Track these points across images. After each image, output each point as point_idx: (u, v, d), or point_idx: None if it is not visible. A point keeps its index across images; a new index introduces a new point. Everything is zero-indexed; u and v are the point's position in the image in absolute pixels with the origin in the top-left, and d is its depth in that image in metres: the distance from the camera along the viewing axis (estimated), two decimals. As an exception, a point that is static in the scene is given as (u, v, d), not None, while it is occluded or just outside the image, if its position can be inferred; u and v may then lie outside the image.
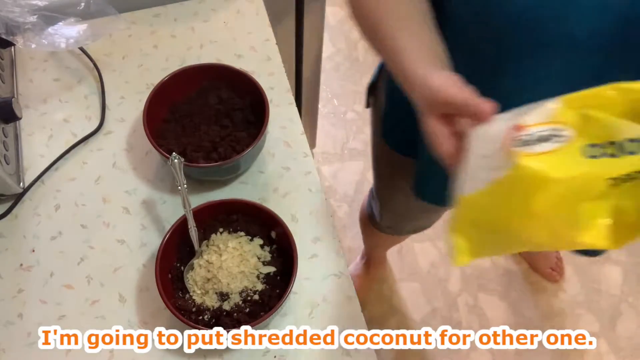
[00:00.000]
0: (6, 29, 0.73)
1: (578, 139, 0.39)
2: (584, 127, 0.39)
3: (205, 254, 0.66)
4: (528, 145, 0.39)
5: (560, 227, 0.41)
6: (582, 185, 0.38)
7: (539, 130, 0.40)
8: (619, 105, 0.38)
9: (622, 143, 0.38)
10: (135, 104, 0.82)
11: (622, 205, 0.39)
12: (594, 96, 0.39)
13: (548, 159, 0.39)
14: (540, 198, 0.39)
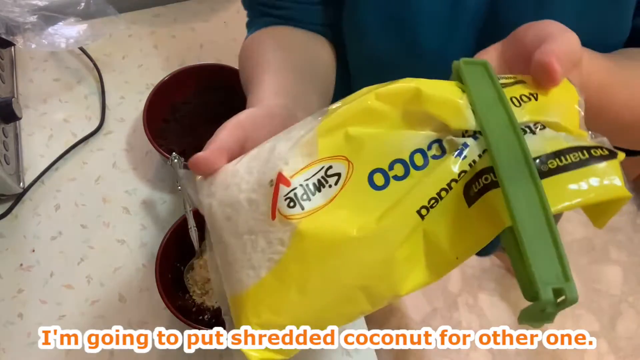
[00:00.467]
0: (6, 29, 0.73)
1: (358, 171, 0.30)
2: (358, 153, 0.30)
3: (205, 254, 0.66)
4: (303, 200, 0.30)
5: (378, 286, 0.31)
6: (392, 228, 0.29)
7: (307, 177, 0.30)
8: (387, 115, 0.30)
9: (410, 157, 0.30)
10: (135, 104, 0.82)
11: (432, 231, 0.30)
12: (354, 111, 0.31)
13: (336, 211, 0.30)
14: (343, 264, 0.30)
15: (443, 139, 0.30)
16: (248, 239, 0.32)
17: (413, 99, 0.30)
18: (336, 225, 0.29)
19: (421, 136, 0.30)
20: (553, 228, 0.27)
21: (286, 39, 0.56)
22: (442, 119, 0.30)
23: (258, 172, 0.31)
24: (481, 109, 0.30)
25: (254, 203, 0.31)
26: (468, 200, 0.30)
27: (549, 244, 0.27)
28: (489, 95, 0.30)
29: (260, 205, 0.31)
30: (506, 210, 0.28)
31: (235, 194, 0.32)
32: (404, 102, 0.30)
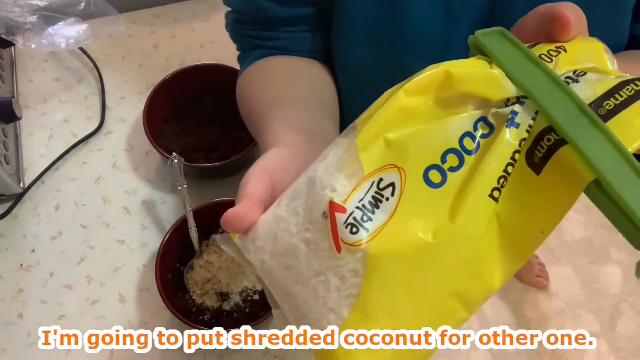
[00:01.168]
0: (6, 29, 0.73)
1: (410, 174, 0.28)
2: (405, 156, 0.28)
3: (205, 254, 0.66)
4: (364, 222, 0.27)
5: (470, 288, 0.30)
6: (468, 222, 0.27)
7: (360, 197, 0.27)
8: (422, 109, 0.28)
9: (460, 144, 0.28)
10: (135, 104, 0.81)
11: (506, 212, 0.28)
12: (387, 116, 0.28)
13: (402, 221, 0.27)
14: (428, 275, 0.28)
15: (487, 115, 0.28)
16: (317, 282, 0.29)
17: (444, 83, 0.28)
18: (409, 237, 0.27)
19: (463, 118, 0.28)
20: (637, 167, 0.26)
21: (287, 70, 0.55)
22: (481, 94, 0.28)
23: (304, 209, 0.29)
24: (516, 72, 0.28)
25: (311, 242, 0.28)
26: (535, 169, 0.28)
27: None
28: (518, 58, 0.29)
29: (320, 242, 0.28)
30: (584, 165, 0.26)
31: (287, 239, 0.29)
32: (436, 90, 0.28)
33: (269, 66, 0.56)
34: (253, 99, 0.52)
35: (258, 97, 0.52)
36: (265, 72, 0.55)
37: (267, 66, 0.56)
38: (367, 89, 0.56)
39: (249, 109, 0.53)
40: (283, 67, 0.56)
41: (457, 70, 0.28)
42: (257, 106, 0.50)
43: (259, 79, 0.54)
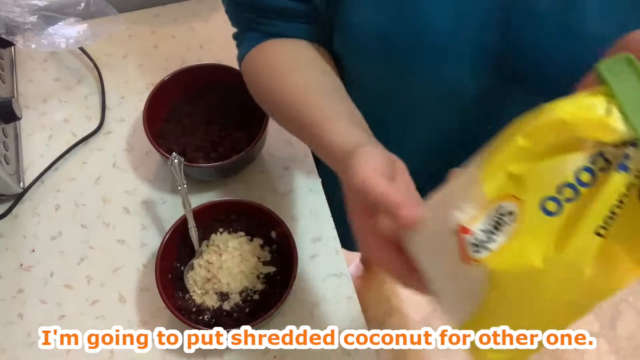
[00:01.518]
0: (6, 29, 0.73)
1: (528, 204, 0.32)
2: (523, 188, 0.32)
3: (205, 254, 0.66)
4: (487, 243, 0.32)
5: (583, 300, 0.34)
6: (574, 253, 0.31)
7: (484, 221, 0.32)
8: (540, 148, 0.31)
9: (575, 178, 0.31)
10: (135, 104, 0.82)
11: (618, 243, 0.31)
12: (507, 154, 0.32)
13: (519, 245, 0.32)
14: (541, 293, 0.33)
15: (604, 152, 0.31)
16: (454, 280, 0.35)
17: (560, 129, 0.30)
18: (523, 259, 0.31)
19: (580, 155, 0.31)
20: None
21: (301, 56, 0.56)
22: (595, 138, 0.30)
23: (440, 222, 0.34)
24: (635, 113, 0.29)
25: (449, 251, 0.33)
26: None
27: None
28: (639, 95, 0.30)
29: (453, 252, 0.33)
30: None
31: (435, 242, 0.35)
32: (552, 134, 0.31)
33: (279, 52, 0.56)
34: (279, 90, 0.53)
35: (286, 87, 0.53)
36: (278, 59, 0.55)
37: (277, 52, 0.56)
38: (373, 101, 0.56)
39: (274, 99, 0.54)
40: (295, 52, 0.56)
41: (572, 117, 0.30)
42: (290, 98, 0.52)
43: (275, 67, 0.55)
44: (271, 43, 0.57)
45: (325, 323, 0.66)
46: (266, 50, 0.57)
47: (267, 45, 0.57)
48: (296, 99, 0.51)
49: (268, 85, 0.55)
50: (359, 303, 0.68)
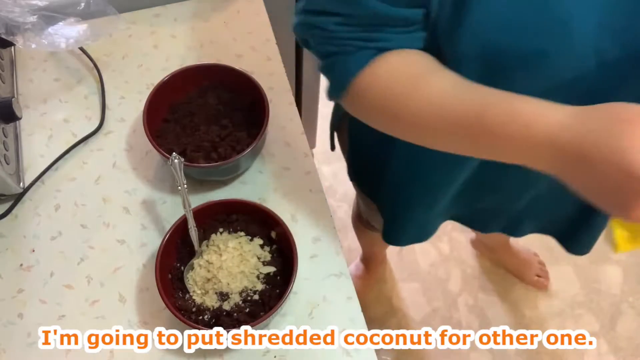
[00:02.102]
0: (6, 29, 0.73)
1: None
2: None
3: (205, 254, 0.66)
4: None
5: None
6: None
7: None
8: None
9: None
10: (135, 104, 0.82)
11: None
12: None
13: None
14: None
15: None
16: None
17: None
18: None
19: None
20: None
21: (432, 60, 0.52)
22: None
23: None
24: None
25: None
26: None
27: None
28: None
29: None
30: None
31: None
32: None
33: (408, 61, 0.52)
34: (426, 95, 0.49)
35: (436, 90, 0.48)
36: (413, 68, 0.51)
37: (406, 61, 0.52)
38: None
39: (419, 108, 0.49)
40: (423, 59, 0.52)
41: None
42: (446, 101, 0.48)
43: (412, 75, 0.51)
44: (391, 56, 0.52)
45: (325, 323, 0.66)
46: (390, 63, 0.52)
47: (388, 58, 0.52)
48: (456, 96, 0.47)
49: (407, 95, 0.50)
50: (359, 303, 0.68)
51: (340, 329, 0.66)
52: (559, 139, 0.40)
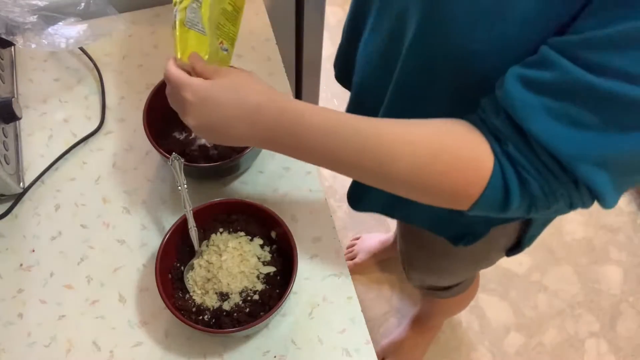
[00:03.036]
0: (6, 29, 0.73)
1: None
2: None
3: (205, 254, 0.66)
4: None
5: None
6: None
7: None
8: None
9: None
10: (135, 104, 0.82)
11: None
12: None
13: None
14: None
15: None
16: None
17: None
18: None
19: None
20: None
21: None
22: None
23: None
24: None
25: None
26: None
27: None
28: None
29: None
30: None
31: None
32: None
33: None
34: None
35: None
36: None
37: None
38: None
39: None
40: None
41: None
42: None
43: None
44: None
45: (325, 323, 0.66)
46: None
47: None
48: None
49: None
50: (359, 303, 0.68)
51: (340, 329, 0.66)
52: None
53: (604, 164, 0.44)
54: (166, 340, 0.65)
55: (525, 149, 0.45)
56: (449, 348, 1.47)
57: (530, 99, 0.44)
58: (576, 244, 1.62)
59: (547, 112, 0.43)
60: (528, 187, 0.46)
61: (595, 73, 0.41)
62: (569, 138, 0.43)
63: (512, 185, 0.46)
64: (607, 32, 0.40)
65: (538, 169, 0.46)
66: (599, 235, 1.64)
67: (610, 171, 0.44)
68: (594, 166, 0.44)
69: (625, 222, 1.66)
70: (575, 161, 0.43)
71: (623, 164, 0.44)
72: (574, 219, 1.66)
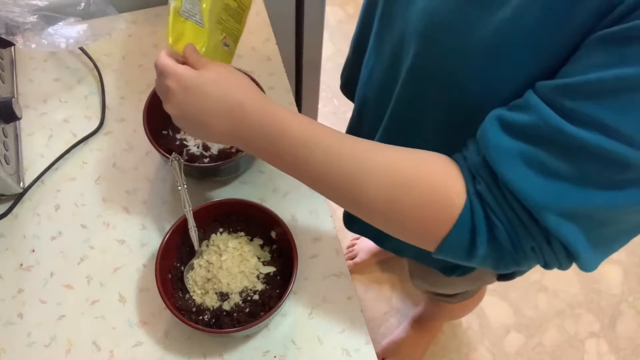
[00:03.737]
0: (6, 29, 0.73)
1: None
2: None
3: (205, 254, 0.66)
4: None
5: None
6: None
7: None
8: None
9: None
10: (135, 104, 0.82)
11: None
12: None
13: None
14: None
15: None
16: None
17: None
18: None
19: None
20: None
21: None
22: None
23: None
24: None
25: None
26: None
27: None
28: None
29: None
30: None
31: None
32: None
33: None
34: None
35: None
36: None
37: None
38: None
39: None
40: None
41: None
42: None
43: None
44: None
45: (325, 323, 0.66)
46: None
47: None
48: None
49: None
50: (359, 303, 0.68)
51: (340, 329, 0.66)
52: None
53: (574, 216, 0.41)
54: (166, 340, 0.65)
55: (497, 192, 0.43)
56: (449, 348, 1.47)
57: (506, 143, 0.42)
58: (576, 244, 1.62)
59: (520, 157, 0.41)
60: (495, 232, 0.44)
61: (570, 120, 0.39)
62: (539, 186, 0.41)
63: (480, 228, 0.44)
64: (585, 78, 0.38)
65: (507, 214, 0.43)
66: (599, 235, 1.64)
67: (580, 225, 0.41)
68: (562, 218, 0.41)
69: (625, 222, 1.66)
70: (542, 210, 0.41)
71: (595, 219, 0.41)
72: (574, 219, 1.65)
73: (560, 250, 0.43)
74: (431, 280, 0.99)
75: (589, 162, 0.39)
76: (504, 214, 0.43)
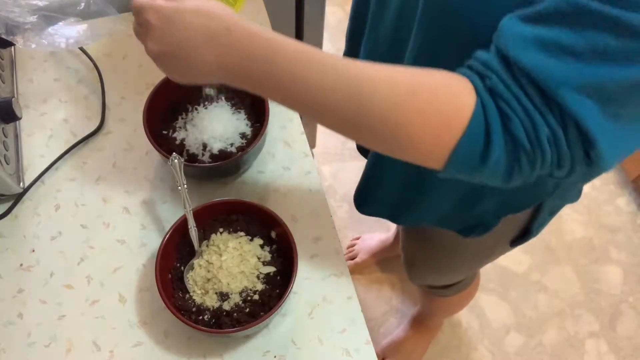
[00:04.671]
0: (6, 29, 0.73)
1: None
2: None
3: (205, 254, 0.66)
4: None
5: None
6: None
7: None
8: None
9: None
10: (135, 104, 0.82)
11: None
12: None
13: None
14: None
15: None
16: None
17: None
18: None
19: None
20: None
21: None
22: None
23: None
24: None
25: None
26: None
27: None
28: None
29: None
30: None
31: None
32: None
33: None
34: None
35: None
36: None
37: None
38: None
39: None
40: None
41: None
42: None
43: None
44: None
45: (325, 323, 0.66)
46: None
47: None
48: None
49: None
50: (359, 303, 0.68)
51: (340, 329, 0.66)
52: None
53: (589, 90, 0.41)
54: (166, 340, 0.65)
55: (510, 80, 0.43)
56: (449, 348, 1.47)
57: (522, 29, 0.42)
58: (576, 244, 1.62)
59: (537, 41, 0.42)
60: (510, 126, 0.43)
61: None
62: (555, 65, 0.41)
63: (494, 124, 0.43)
64: None
65: (521, 101, 0.43)
66: (598, 235, 1.64)
67: (595, 100, 0.41)
68: (578, 93, 0.41)
69: (625, 222, 1.66)
70: (558, 87, 0.41)
71: (611, 94, 0.41)
72: (574, 218, 1.66)
73: (576, 140, 0.43)
74: (433, 264, 0.97)
75: (604, 35, 0.40)
76: (518, 102, 0.43)
